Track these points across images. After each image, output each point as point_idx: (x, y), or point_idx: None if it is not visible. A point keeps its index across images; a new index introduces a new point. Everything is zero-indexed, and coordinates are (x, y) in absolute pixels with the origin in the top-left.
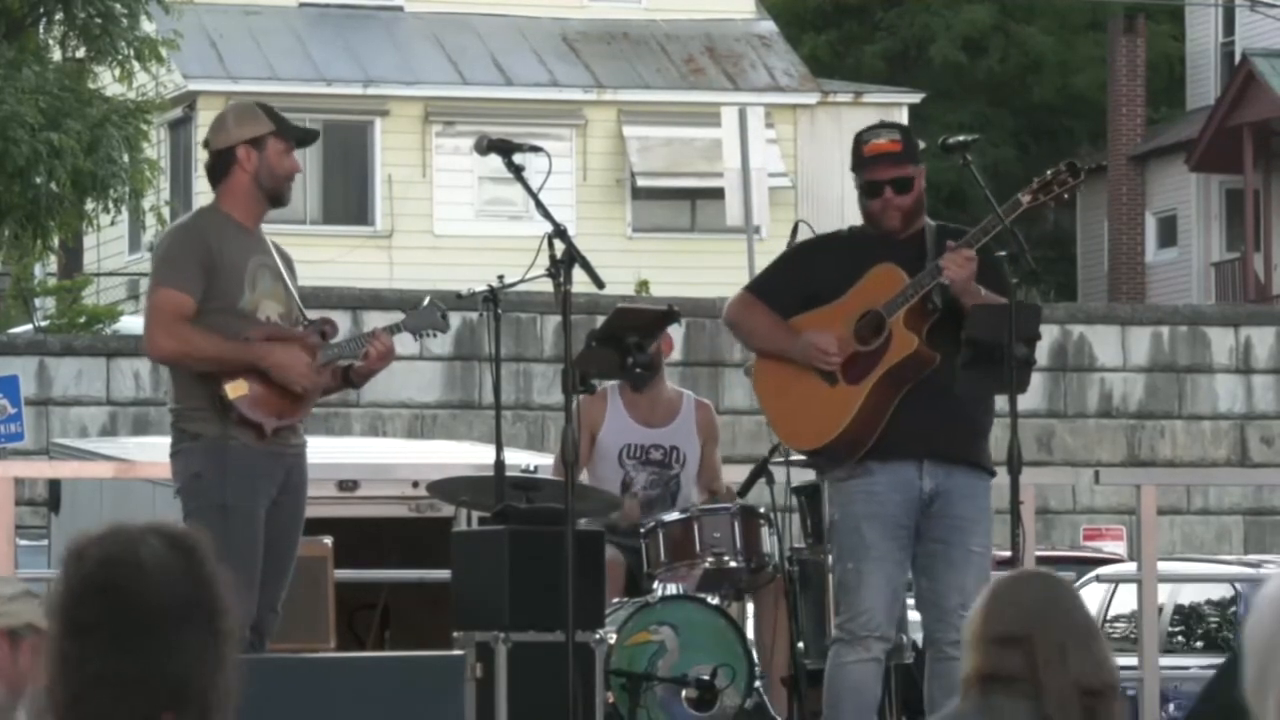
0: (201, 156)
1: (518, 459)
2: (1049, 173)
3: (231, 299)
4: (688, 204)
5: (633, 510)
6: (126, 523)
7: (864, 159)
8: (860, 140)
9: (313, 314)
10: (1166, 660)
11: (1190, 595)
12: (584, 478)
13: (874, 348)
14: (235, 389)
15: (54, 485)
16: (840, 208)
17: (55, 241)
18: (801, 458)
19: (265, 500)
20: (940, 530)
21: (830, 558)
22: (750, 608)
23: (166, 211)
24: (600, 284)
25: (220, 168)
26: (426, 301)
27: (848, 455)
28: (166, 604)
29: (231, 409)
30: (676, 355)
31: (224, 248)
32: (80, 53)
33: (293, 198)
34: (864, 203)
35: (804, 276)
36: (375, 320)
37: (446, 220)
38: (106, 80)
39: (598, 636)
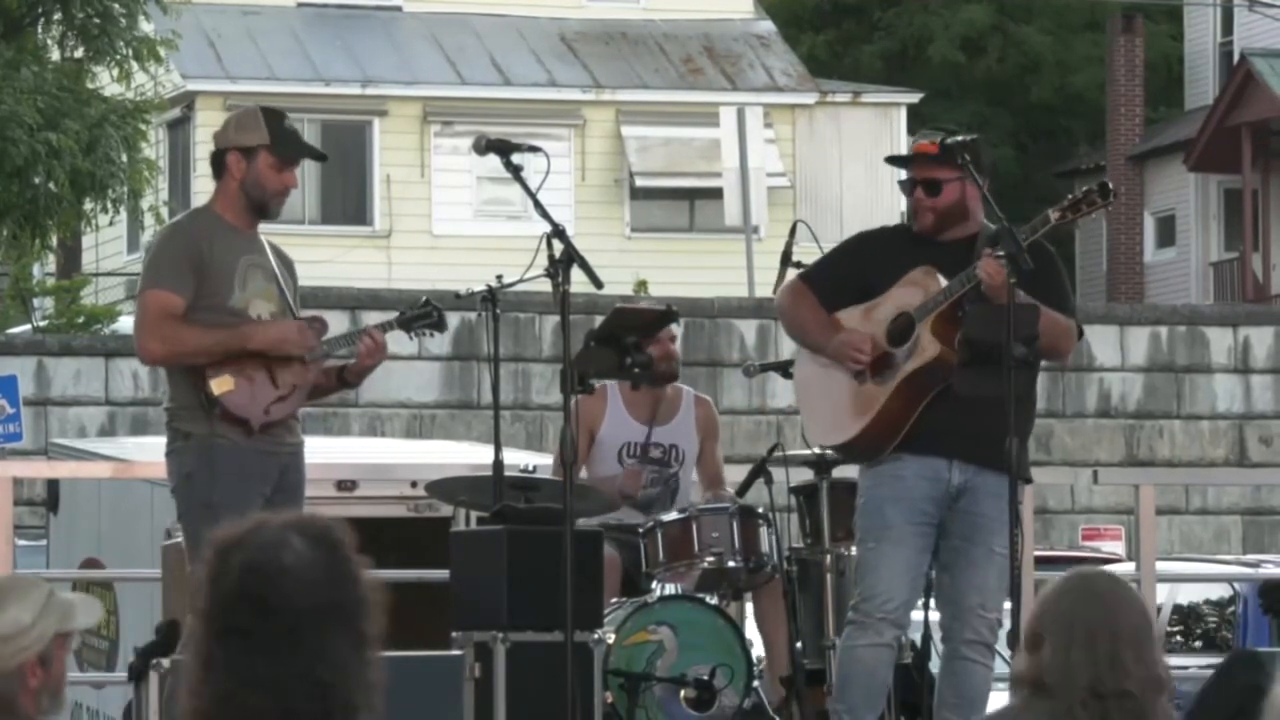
0: (200, 156)
1: (516, 459)
2: (1081, 191)
3: (222, 297)
4: (686, 204)
5: (632, 479)
6: (268, 521)
7: (905, 156)
8: (913, 139)
9: (309, 314)
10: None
11: (1189, 595)
12: (583, 475)
13: (901, 350)
14: (220, 384)
15: (52, 485)
16: (839, 207)
17: (54, 241)
18: (801, 457)
19: (257, 499)
20: (964, 527)
21: (830, 557)
22: (749, 608)
23: (165, 211)
24: (599, 284)
25: (216, 168)
26: (423, 300)
27: (868, 455)
28: (312, 607)
29: (216, 405)
30: None
31: (214, 247)
32: (79, 53)
33: (292, 198)
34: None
35: (856, 268)
36: (373, 320)
37: (445, 220)
38: (105, 80)
39: (596, 636)
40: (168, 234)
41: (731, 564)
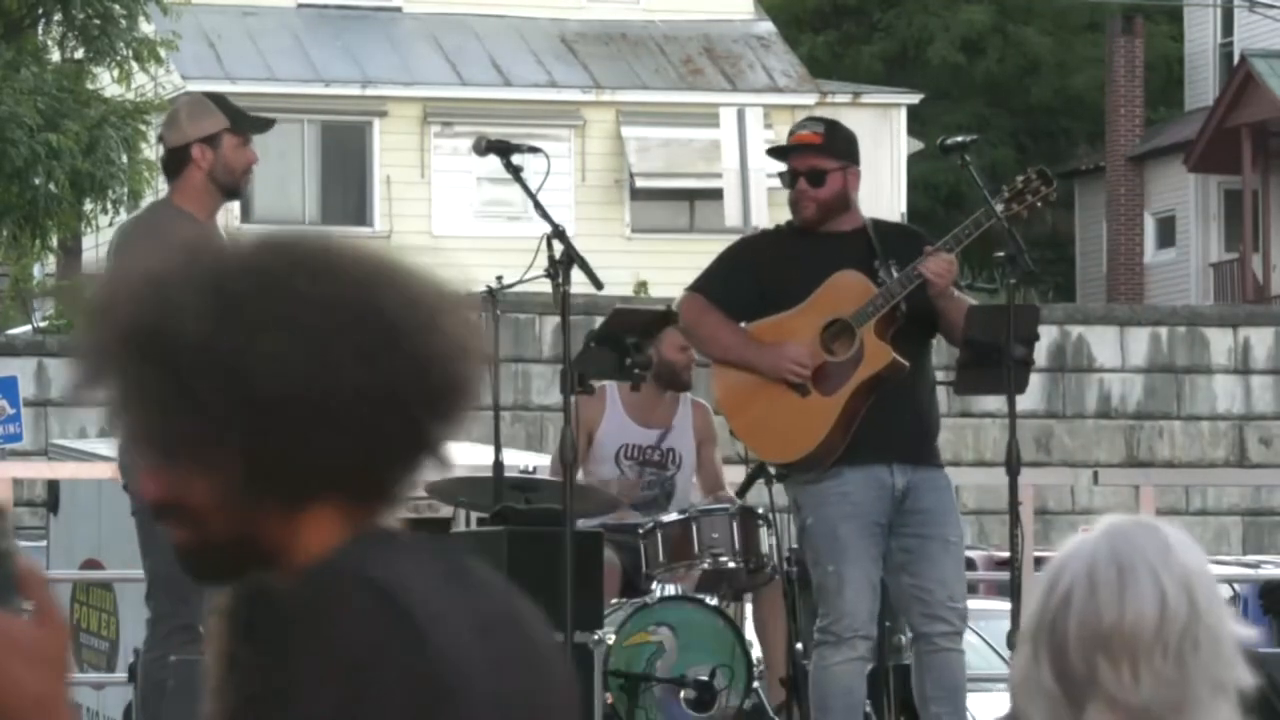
0: None
1: (516, 460)
2: (1019, 180)
3: None
4: (686, 204)
5: (627, 488)
6: None
7: (785, 148)
8: (790, 131)
9: None
10: None
11: None
12: (580, 476)
13: (845, 359)
14: None
15: (53, 486)
16: None
17: (54, 242)
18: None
19: None
20: (915, 525)
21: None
22: (749, 608)
23: None
24: (599, 285)
25: (175, 165)
26: None
27: (821, 465)
28: None
29: None
30: None
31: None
32: (79, 54)
33: (292, 198)
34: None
35: (751, 276)
36: None
37: (445, 220)
38: (105, 81)
39: (596, 637)
40: (129, 228)
41: (731, 565)
